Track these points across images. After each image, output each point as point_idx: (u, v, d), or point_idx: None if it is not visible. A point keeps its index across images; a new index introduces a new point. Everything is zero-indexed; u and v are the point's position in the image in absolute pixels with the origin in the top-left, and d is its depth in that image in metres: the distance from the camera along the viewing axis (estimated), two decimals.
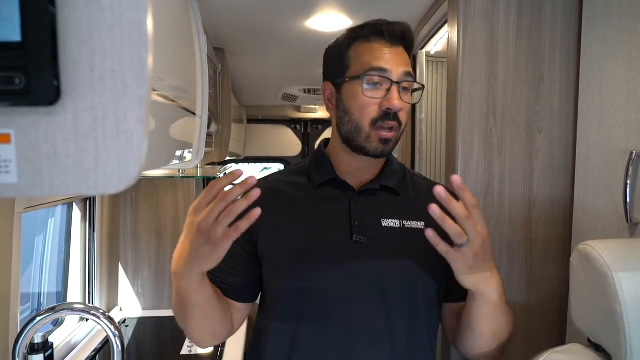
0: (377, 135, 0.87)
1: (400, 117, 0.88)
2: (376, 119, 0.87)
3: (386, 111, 0.86)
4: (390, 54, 0.88)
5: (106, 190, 0.40)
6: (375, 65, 0.87)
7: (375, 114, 0.87)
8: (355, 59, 0.90)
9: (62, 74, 0.38)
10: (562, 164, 1.32)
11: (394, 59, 0.87)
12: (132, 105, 0.40)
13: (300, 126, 4.15)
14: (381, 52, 0.88)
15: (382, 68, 0.86)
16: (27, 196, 0.38)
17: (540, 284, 1.33)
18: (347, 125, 0.91)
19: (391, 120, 0.87)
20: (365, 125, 0.88)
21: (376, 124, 0.87)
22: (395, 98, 0.85)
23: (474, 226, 0.73)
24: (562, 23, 1.30)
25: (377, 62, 0.87)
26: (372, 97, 0.87)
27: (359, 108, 0.88)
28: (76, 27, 0.38)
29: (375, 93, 0.87)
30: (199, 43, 0.97)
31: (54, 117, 0.39)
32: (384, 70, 0.86)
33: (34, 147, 0.39)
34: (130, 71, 0.40)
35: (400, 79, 0.87)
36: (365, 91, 0.87)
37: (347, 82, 0.90)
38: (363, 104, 0.87)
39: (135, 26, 0.39)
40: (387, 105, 0.86)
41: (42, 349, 0.95)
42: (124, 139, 0.40)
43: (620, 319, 0.75)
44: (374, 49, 0.88)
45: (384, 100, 0.86)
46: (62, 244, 1.65)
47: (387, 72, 0.86)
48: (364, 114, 0.88)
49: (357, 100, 0.88)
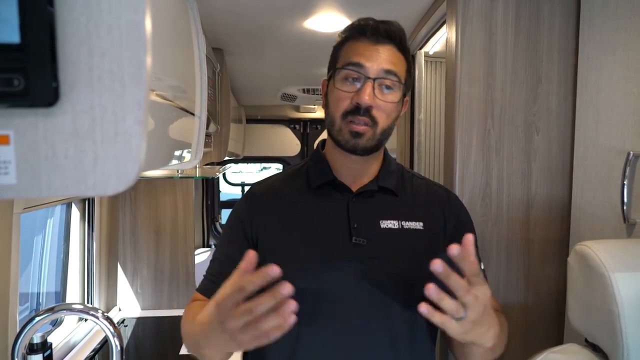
0: (347, 127, 0.88)
1: (375, 114, 0.87)
2: (346, 112, 0.88)
3: (356, 105, 0.86)
4: (372, 51, 0.88)
5: (105, 191, 0.40)
6: (351, 60, 0.88)
7: (346, 107, 0.88)
8: (342, 56, 0.92)
9: (60, 75, 0.39)
10: (560, 164, 1.32)
11: (374, 55, 0.87)
12: (131, 106, 0.40)
13: (300, 126, 4.15)
14: (363, 49, 0.88)
15: (358, 63, 0.87)
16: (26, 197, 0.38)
17: (538, 284, 1.34)
18: (327, 118, 0.93)
19: (361, 115, 0.87)
20: (337, 118, 0.89)
21: (347, 117, 0.88)
22: (366, 94, 0.85)
23: (474, 298, 0.67)
24: (560, 24, 1.30)
25: (355, 57, 0.88)
26: (345, 90, 0.88)
27: (334, 101, 0.90)
28: (75, 28, 0.39)
29: (350, 87, 0.88)
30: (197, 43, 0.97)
31: (53, 118, 0.39)
32: (359, 65, 0.87)
33: (33, 148, 0.39)
34: (129, 72, 0.40)
35: (377, 75, 0.87)
36: (338, 84, 0.89)
37: (331, 77, 0.93)
38: (337, 97, 0.89)
39: (134, 28, 0.39)
40: (356, 99, 0.86)
41: (41, 349, 0.95)
42: (122, 140, 0.40)
43: (617, 319, 0.75)
44: (358, 46, 0.89)
45: (355, 94, 0.87)
46: (61, 244, 1.65)
47: (363, 67, 0.87)
48: (337, 107, 0.89)
49: (333, 94, 0.90)
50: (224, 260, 0.94)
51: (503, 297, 1.32)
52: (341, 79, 0.89)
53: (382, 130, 0.90)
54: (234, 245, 0.93)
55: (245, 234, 0.93)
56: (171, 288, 2.06)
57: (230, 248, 0.94)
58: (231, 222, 0.98)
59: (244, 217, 0.95)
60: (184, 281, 2.06)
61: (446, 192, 1.01)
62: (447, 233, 0.95)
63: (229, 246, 0.95)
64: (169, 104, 0.67)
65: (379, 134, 0.90)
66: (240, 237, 0.94)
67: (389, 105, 0.89)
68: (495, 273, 1.31)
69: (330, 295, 0.86)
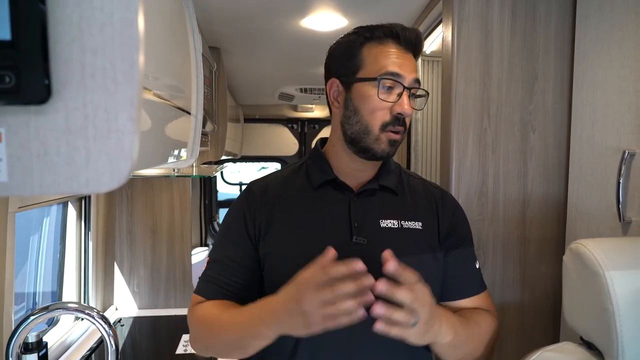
0: (386, 137, 0.89)
1: (406, 121, 0.91)
2: (387, 123, 0.88)
3: (397, 116, 0.88)
4: (403, 60, 0.89)
5: (97, 188, 0.40)
6: (391, 70, 0.87)
7: (387, 118, 0.88)
8: (369, 59, 0.90)
9: (52, 72, 0.38)
10: (556, 163, 1.32)
11: (406, 64, 0.89)
12: (123, 103, 0.40)
13: (297, 125, 4.16)
14: (396, 57, 0.89)
15: (397, 73, 0.87)
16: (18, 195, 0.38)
17: (534, 282, 1.34)
18: (355, 126, 0.91)
19: (400, 125, 0.89)
20: (375, 128, 0.89)
21: (386, 127, 0.89)
22: (407, 104, 0.87)
23: (420, 303, 0.72)
24: (556, 23, 1.30)
25: (392, 67, 0.88)
26: (386, 100, 0.88)
27: (370, 110, 0.89)
28: (67, 25, 0.38)
29: (388, 97, 0.88)
30: (193, 42, 0.97)
31: (45, 116, 0.39)
32: (398, 75, 0.87)
33: (25, 145, 0.39)
34: (121, 70, 0.40)
35: (410, 84, 0.88)
36: (381, 94, 0.88)
37: (358, 82, 0.90)
38: (376, 107, 0.88)
39: (126, 25, 0.39)
40: (399, 110, 0.87)
41: (36, 348, 0.95)
42: (115, 137, 0.40)
43: (612, 317, 0.75)
44: (389, 52, 0.89)
45: (395, 105, 0.88)
46: (57, 243, 1.64)
47: (401, 77, 0.87)
48: (376, 117, 0.88)
49: (369, 102, 0.88)
50: (225, 262, 0.93)
51: (499, 296, 1.32)
52: (381, 89, 0.88)
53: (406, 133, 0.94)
54: (236, 246, 0.93)
55: (248, 233, 0.93)
56: (168, 287, 2.05)
57: (232, 249, 0.93)
58: (231, 220, 0.97)
59: (246, 215, 0.94)
60: (180, 281, 2.06)
61: (441, 192, 1.01)
62: (441, 233, 0.95)
63: (230, 247, 0.94)
64: (164, 103, 0.67)
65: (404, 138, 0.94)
66: (242, 236, 0.93)
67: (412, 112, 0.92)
68: (491, 272, 1.32)
69: None
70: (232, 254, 0.92)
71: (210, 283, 0.92)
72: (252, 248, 0.92)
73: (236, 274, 0.92)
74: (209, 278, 0.93)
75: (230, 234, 0.95)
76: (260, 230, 0.91)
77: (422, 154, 2.03)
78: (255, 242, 0.92)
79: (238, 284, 0.92)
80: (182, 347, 1.63)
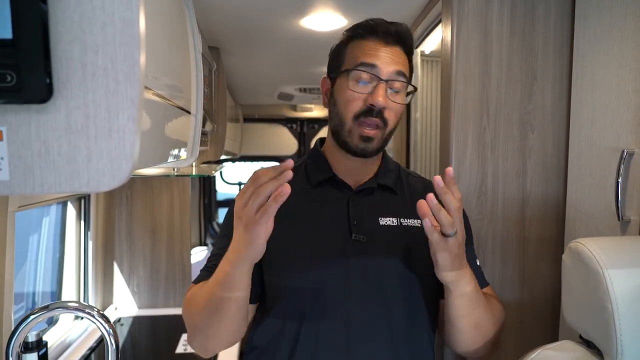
0: (358, 131, 0.88)
1: (386, 116, 0.88)
2: (359, 114, 0.87)
3: (369, 107, 0.86)
4: (382, 52, 0.88)
5: (98, 187, 0.40)
6: (364, 61, 0.87)
7: (358, 109, 0.87)
8: (349, 55, 0.91)
9: (53, 71, 0.39)
10: (555, 162, 1.33)
11: (385, 57, 0.87)
12: (124, 103, 0.40)
13: (297, 125, 4.16)
14: (374, 50, 0.88)
15: (371, 64, 0.87)
16: (19, 194, 0.39)
17: (533, 281, 1.34)
18: (335, 119, 0.92)
19: (374, 117, 0.87)
20: (349, 119, 0.88)
21: (358, 118, 0.87)
22: (380, 95, 0.85)
23: (461, 218, 0.76)
24: (555, 22, 1.30)
25: (367, 58, 0.87)
26: (358, 91, 0.87)
27: (344, 101, 0.89)
28: (68, 24, 0.39)
29: (362, 89, 0.87)
30: (193, 42, 0.97)
31: (46, 115, 0.39)
32: (372, 66, 0.87)
33: (26, 144, 0.39)
34: (122, 69, 0.40)
35: (389, 77, 0.87)
36: (351, 85, 0.88)
37: (339, 76, 0.91)
38: (348, 98, 0.88)
39: (127, 24, 0.39)
40: (370, 100, 0.86)
41: (36, 347, 0.95)
42: (116, 136, 0.40)
43: (612, 315, 0.75)
44: (368, 46, 0.89)
45: (369, 95, 0.87)
46: (56, 243, 1.64)
47: (376, 68, 0.87)
48: (348, 108, 0.88)
49: (344, 94, 0.89)
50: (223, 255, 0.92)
51: (498, 294, 1.32)
52: (353, 80, 0.88)
53: (390, 131, 0.91)
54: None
55: None
56: (167, 287, 2.05)
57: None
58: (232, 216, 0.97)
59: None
60: (180, 280, 2.06)
61: None
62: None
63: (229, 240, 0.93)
64: (164, 102, 0.67)
65: (387, 135, 0.91)
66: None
67: (399, 106, 0.90)
68: (490, 271, 1.32)
69: (329, 292, 0.87)
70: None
71: (208, 273, 0.91)
72: None
73: None
74: (207, 269, 0.93)
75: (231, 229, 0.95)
76: None
77: (422, 154, 2.04)
78: None
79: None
80: (182, 346, 1.63)
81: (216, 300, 0.81)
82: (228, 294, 0.79)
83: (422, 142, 2.03)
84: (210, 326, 0.84)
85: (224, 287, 0.79)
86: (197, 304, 0.86)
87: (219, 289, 0.80)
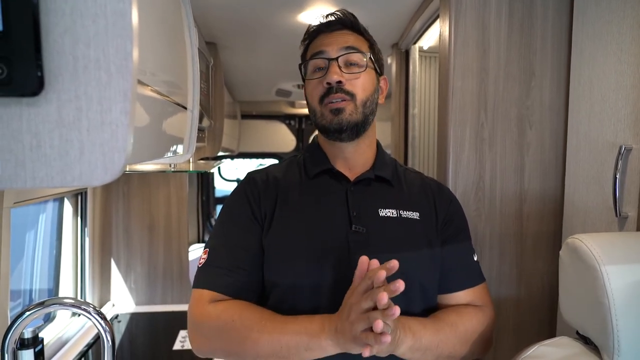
0: (327, 108, 0.91)
1: (348, 88, 0.90)
2: (322, 96, 0.91)
3: (326, 86, 0.90)
4: (328, 39, 0.94)
5: (90, 181, 0.40)
6: (314, 51, 0.94)
7: (321, 92, 0.92)
8: (306, 57, 0.97)
9: (45, 64, 0.38)
10: (553, 158, 1.33)
11: (331, 40, 0.93)
12: (117, 96, 0.39)
13: (295, 122, 4.15)
14: (321, 40, 0.95)
15: (319, 50, 0.93)
16: (10, 188, 0.38)
17: (531, 277, 1.34)
18: (310, 113, 0.97)
19: (335, 93, 0.90)
20: (316, 105, 0.93)
21: (323, 101, 0.91)
22: (332, 72, 0.90)
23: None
24: (553, 18, 1.30)
25: (316, 48, 0.94)
26: (316, 78, 0.93)
27: (309, 92, 0.95)
28: (59, 16, 0.38)
29: (319, 74, 0.93)
30: (189, 37, 0.96)
31: (37, 108, 0.38)
32: (321, 52, 0.92)
33: (17, 138, 0.38)
34: (115, 62, 0.39)
35: (338, 54, 0.91)
36: (310, 75, 0.94)
37: (304, 77, 0.97)
38: (312, 87, 0.94)
39: (119, 16, 0.39)
40: (325, 80, 0.90)
41: (32, 344, 0.94)
42: (108, 130, 0.40)
43: (608, 311, 0.75)
44: (316, 42, 0.96)
45: (323, 77, 0.91)
46: (53, 239, 1.64)
47: (325, 52, 0.92)
48: (313, 95, 0.93)
49: (308, 86, 0.95)
50: (235, 249, 0.89)
51: (496, 291, 1.32)
52: (310, 71, 0.94)
53: (362, 102, 0.92)
54: (246, 231, 0.90)
55: (255, 216, 0.91)
56: (165, 284, 2.05)
57: (241, 234, 0.90)
58: (234, 206, 0.94)
59: (251, 200, 0.92)
60: (177, 277, 2.06)
61: (437, 185, 1.02)
62: (439, 224, 0.95)
63: (239, 232, 0.90)
64: (160, 97, 0.66)
65: (360, 106, 0.92)
66: (250, 220, 0.91)
67: (359, 77, 0.92)
68: (488, 266, 1.32)
69: (330, 284, 0.86)
70: (241, 240, 0.89)
71: (225, 276, 0.87)
72: (260, 232, 0.90)
73: (246, 261, 0.88)
74: (222, 270, 0.87)
75: (236, 220, 0.92)
76: (265, 217, 0.91)
77: (420, 149, 2.03)
78: (262, 226, 0.91)
79: (248, 272, 0.88)
80: (179, 343, 1.63)
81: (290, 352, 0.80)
82: (311, 353, 0.80)
83: (420, 138, 2.03)
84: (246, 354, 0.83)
85: (310, 349, 0.79)
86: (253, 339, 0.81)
87: (301, 348, 0.79)
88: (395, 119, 2.17)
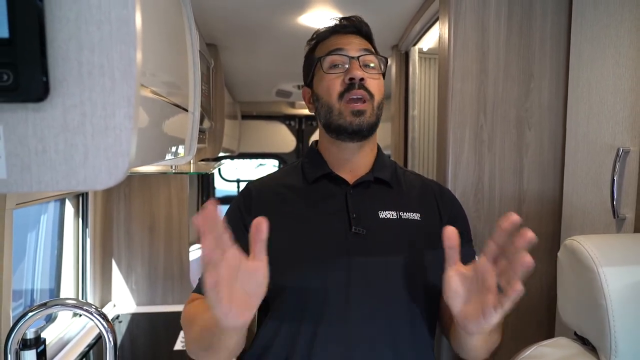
0: (347, 108, 0.91)
1: (369, 87, 0.91)
2: (342, 92, 0.91)
3: (350, 81, 0.90)
4: (345, 39, 0.95)
5: (95, 185, 0.40)
6: (332, 48, 0.93)
7: (341, 88, 0.91)
8: (319, 53, 0.97)
9: (50, 69, 0.39)
10: (552, 159, 1.33)
11: (350, 42, 0.94)
12: (121, 101, 0.40)
13: (295, 122, 4.16)
14: (338, 40, 0.95)
15: (339, 47, 0.93)
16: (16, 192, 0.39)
17: (530, 278, 1.34)
18: (322, 110, 0.95)
19: (357, 89, 0.90)
20: (334, 101, 0.92)
21: (343, 96, 0.91)
22: (356, 68, 0.90)
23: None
24: (552, 21, 1.31)
25: (334, 46, 0.94)
26: (335, 73, 0.92)
27: (326, 87, 0.93)
28: (64, 23, 0.39)
29: (338, 70, 0.92)
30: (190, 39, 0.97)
31: (43, 113, 0.39)
32: (340, 49, 0.93)
33: (23, 142, 0.39)
34: (119, 67, 0.40)
35: (359, 54, 0.92)
36: (327, 69, 0.93)
37: (315, 73, 0.97)
38: (328, 83, 0.93)
39: (123, 23, 0.40)
40: (348, 75, 0.90)
41: (34, 344, 0.95)
42: (112, 134, 0.40)
43: (606, 312, 0.76)
44: (332, 40, 0.96)
45: (345, 73, 0.91)
46: (54, 240, 1.64)
47: (344, 50, 0.92)
48: (331, 91, 0.92)
49: (324, 81, 0.94)
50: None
51: None
52: (328, 66, 0.93)
53: (378, 104, 0.93)
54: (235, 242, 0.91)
55: (245, 226, 0.91)
56: (166, 284, 2.06)
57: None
58: (229, 219, 0.95)
59: (242, 210, 0.94)
60: (178, 277, 2.06)
61: (438, 187, 1.02)
62: (443, 225, 0.95)
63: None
64: (161, 100, 0.67)
65: (377, 108, 0.93)
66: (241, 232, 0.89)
67: (377, 79, 0.94)
68: None
69: (330, 287, 0.86)
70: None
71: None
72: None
73: None
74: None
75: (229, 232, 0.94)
76: None
77: (419, 151, 2.04)
78: None
79: None
80: (180, 343, 1.64)
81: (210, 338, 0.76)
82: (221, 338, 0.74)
83: (420, 139, 2.04)
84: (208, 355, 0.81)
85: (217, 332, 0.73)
86: (194, 331, 0.81)
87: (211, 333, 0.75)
88: (395, 120, 2.18)
